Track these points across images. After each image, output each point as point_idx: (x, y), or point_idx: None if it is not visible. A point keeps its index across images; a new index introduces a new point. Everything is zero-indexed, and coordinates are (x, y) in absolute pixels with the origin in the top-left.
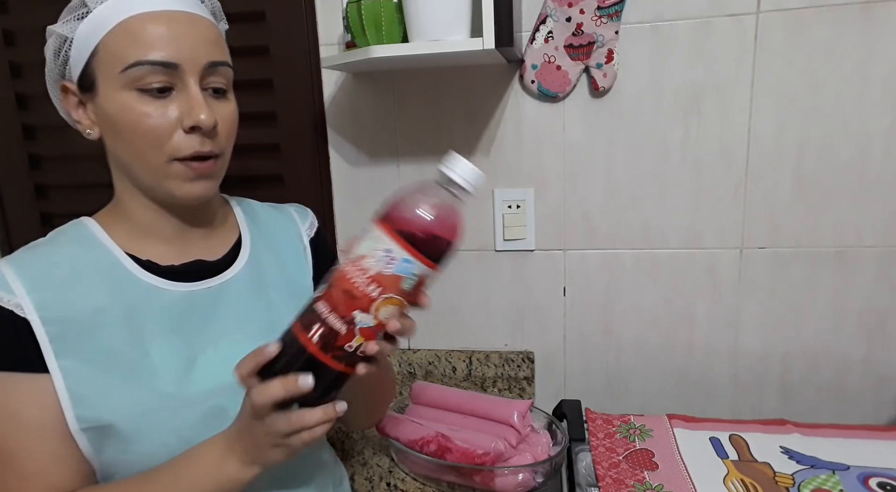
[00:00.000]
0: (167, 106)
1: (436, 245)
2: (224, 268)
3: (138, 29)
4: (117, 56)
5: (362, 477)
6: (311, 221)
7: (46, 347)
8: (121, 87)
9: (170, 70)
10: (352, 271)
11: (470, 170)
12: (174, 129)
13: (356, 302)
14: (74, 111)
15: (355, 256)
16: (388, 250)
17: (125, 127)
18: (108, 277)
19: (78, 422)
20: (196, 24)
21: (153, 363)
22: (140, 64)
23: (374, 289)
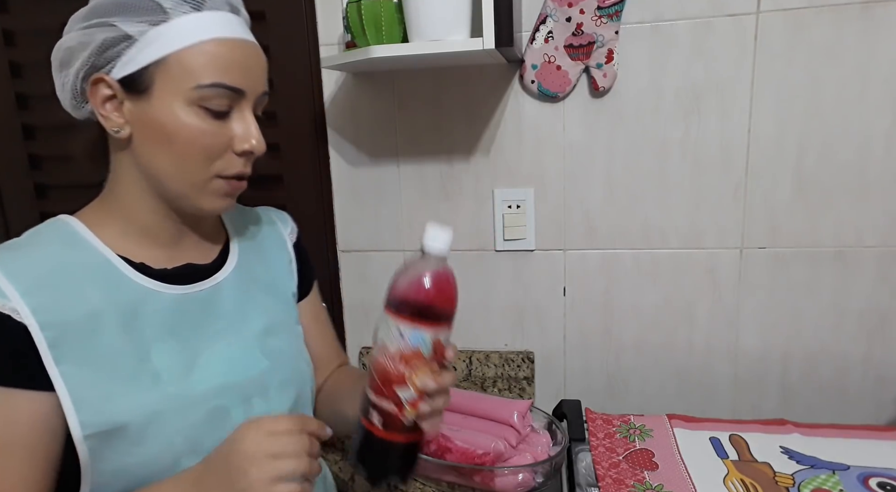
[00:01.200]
0: (223, 127)
1: (433, 309)
2: (213, 271)
3: (219, 52)
4: (192, 73)
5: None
6: (292, 226)
7: (46, 354)
8: (186, 101)
9: (236, 95)
10: (381, 358)
11: (435, 235)
12: (226, 149)
13: (394, 381)
14: (101, 105)
15: (381, 345)
16: (398, 330)
17: (181, 139)
18: (100, 278)
19: (82, 428)
20: (260, 56)
21: (155, 365)
22: (216, 86)
23: (402, 366)
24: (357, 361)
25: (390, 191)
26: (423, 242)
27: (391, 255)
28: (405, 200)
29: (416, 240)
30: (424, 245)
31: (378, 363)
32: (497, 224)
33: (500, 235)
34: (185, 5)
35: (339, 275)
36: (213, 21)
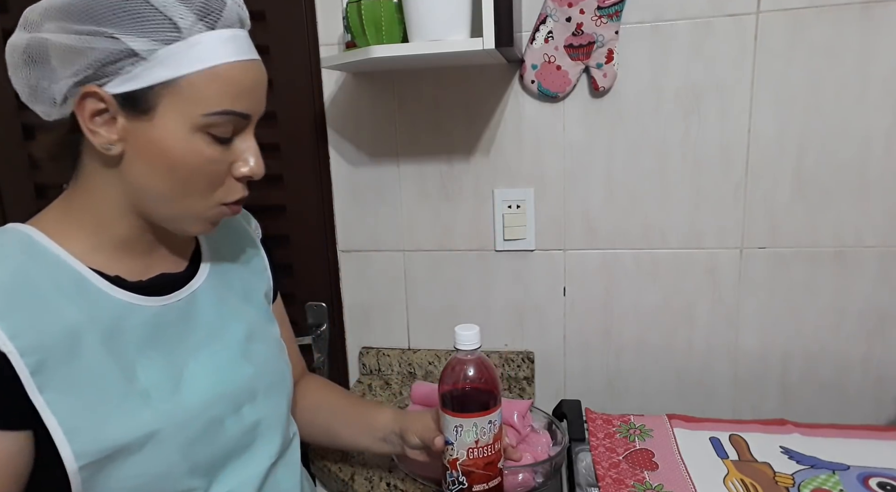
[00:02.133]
0: (226, 152)
1: (495, 394)
2: (188, 279)
3: (231, 78)
4: (204, 99)
5: (362, 477)
6: (255, 223)
7: (29, 383)
8: (193, 127)
9: (243, 120)
10: (474, 451)
11: (464, 334)
12: (227, 174)
13: (496, 461)
14: (89, 119)
15: (466, 444)
16: (478, 424)
17: (185, 166)
18: (74, 294)
19: (77, 459)
20: (265, 75)
21: (142, 383)
22: (227, 113)
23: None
24: (357, 361)
25: (390, 191)
26: (455, 344)
27: (391, 255)
28: (405, 200)
29: (416, 240)
30: (457, 345)
31: (475, 460)
32: (497, 224)
33: (500, 235)
34: (201, 24)
35: (339, 275)
36: (225, 42)
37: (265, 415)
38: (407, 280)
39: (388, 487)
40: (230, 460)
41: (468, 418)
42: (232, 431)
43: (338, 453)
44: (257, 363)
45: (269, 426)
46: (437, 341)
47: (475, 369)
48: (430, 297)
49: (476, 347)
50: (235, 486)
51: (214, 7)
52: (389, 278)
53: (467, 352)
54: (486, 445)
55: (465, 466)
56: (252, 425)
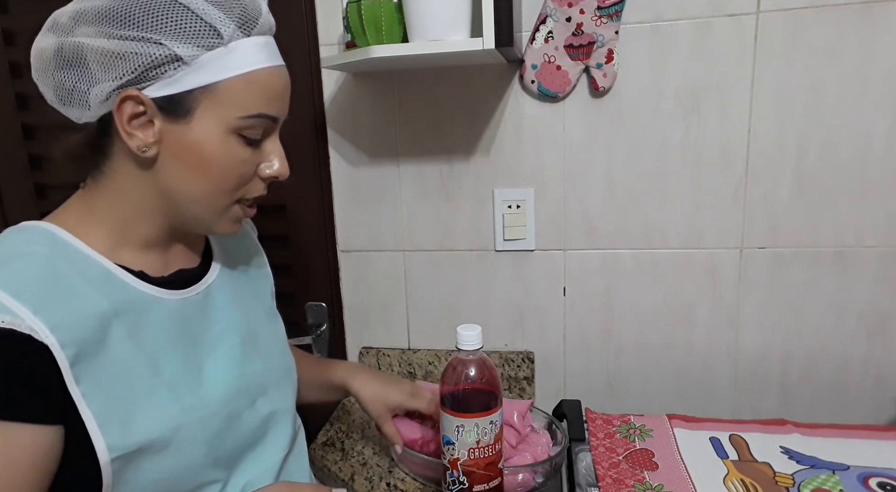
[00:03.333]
0: (255, 154)
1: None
2: (202, 275)
3: (266, 82)
4: (241, 102)
5: (362, 477)
6: (250, 222)
7: (68, 374)
8: (228, 129)
9: (273, 123)
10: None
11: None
12: (253, 174)
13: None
14: (128, 122)
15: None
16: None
17: (218, 167)
18: (104, 288)
19: (109, 451)
20: (289, 79)
21: (167, 377)
22: (261, 116)
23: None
24: (357, 361)
25: (390, 191)
26: (457, 344)
27: (391, 255)
28: (405, 200)
29: (416, 240)
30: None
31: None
32: (497, 224)
33: (500, 235)
34: (239, 31)
35: (339, 275)
36: (260, 48)
37: (276, 408)
38: (407, 280)
39: (388, 487)
40: (247, 452)
41: (469, 418)
42: (249, 424)
43: (338, 453)
44: (266, 358)
45: (280, 419)
46: (438, 341)
47: (476, 370)
48: (430, 297)
49: (478, 348)
50: (254, 477)
51: (252, 15)
52: (389, 278)
53: (469, 352)
54: (487, 445)
55: (466, 466)
56: (266, 418)
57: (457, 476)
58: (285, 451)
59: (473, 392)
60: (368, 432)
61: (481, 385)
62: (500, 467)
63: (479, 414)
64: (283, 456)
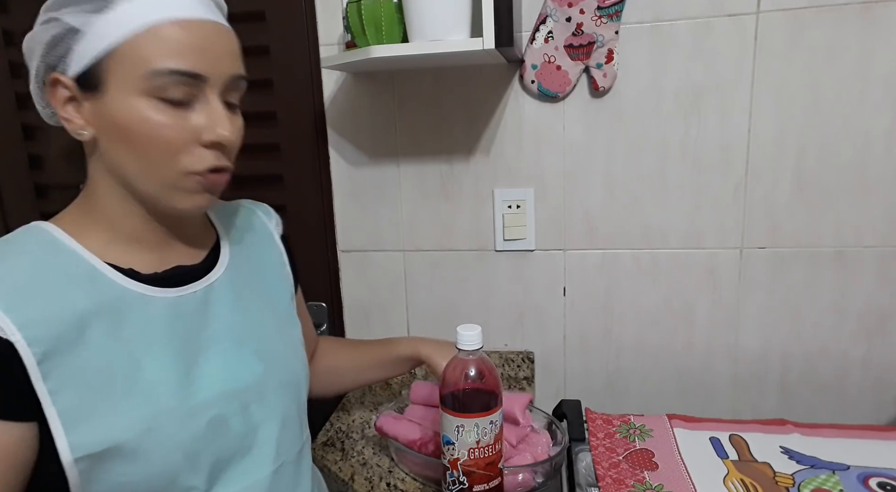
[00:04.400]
0: (186, 118)
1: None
2: (204, 272)
3: (170, 35)
4: (143, 60)
5: (362, 477)
6: (276, 218)
7: (34, 372)
8: (139, 93)
9: (196, 81)
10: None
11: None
12: (190, 141)
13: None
14: (62, 108)
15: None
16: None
17: (138, 136)
18: (86, 286)
19: (72, 451)
20: (223, 35)
21: (148, 376)
22: (170, 72)
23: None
24: None
25: (390, 191)
26: (457, 343)
27: (391, 255)
28: (405, 200)
29: (416, 240)
30: (459, 346)
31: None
32: (497, 224)
33: (500, 235)
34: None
35: (339, 275)
36: (163, 1)
37: (273, 416)
38: (407, 280)
39: (388, 487)
40: (234, 461)
41: (470, 418)
42: (237, 430)
43: (338, 453)
44: (268, 361)
45: (276, 427)
46: None
47: (477, 370)
48: (430, 297)
49: (478, 348)
50: (240, 489)
51: None
52: (389, 278)
53: (469, 352)
54: (487, 445)
55: (466, 466)
56: (258, 425)
57: (457, 476)
58: (278, 463)
59: (473, 392)
60: (368, 432)
61: (481, 385)
62: (500, 467)
63: (479, 414)
64: (274, 468)
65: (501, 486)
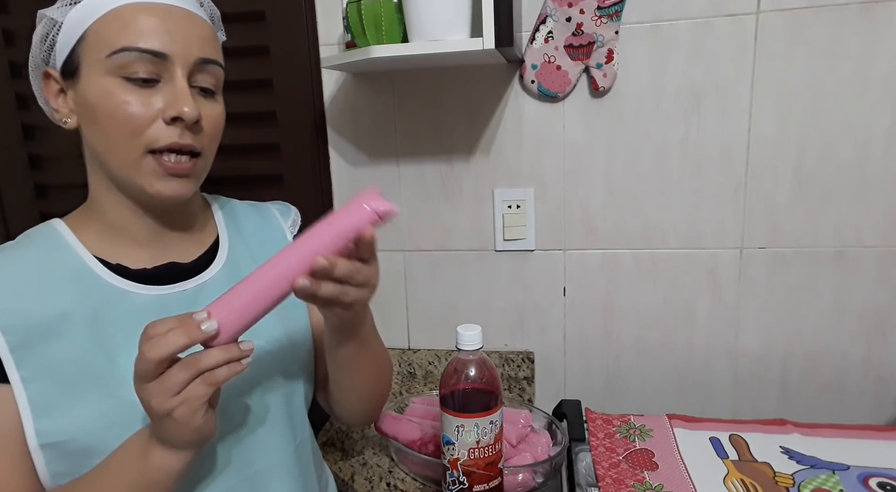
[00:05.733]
0: (151, 96)
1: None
2: (199, 271)
3: (131, 16)
4: (106, 41)
5: (362, 477)
6: (294, 217)
7: (7, 358)
8: (105, 72)
9: (158, 60)
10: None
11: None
12: (154, 119)
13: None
14: (54, 99)
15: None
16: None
17: (103, 113)
18: (73, 281)
19: (38, 437)
20: (191, 20)
21: (120, 372)
22: (128, 50)
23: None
24: None
25: (390, 191)
26: (457, 344)
27: (391, 255)
28: (405, 200)
29: (416, 240)
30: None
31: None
32: (497, 224)
33: (500, 235)
34: None
35: None
36: None
37: (258, 418)
38: (407, 280)
39: (388, 487)
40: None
41: (470, 418)
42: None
43: (338, 453)
44: (258, 363)
45: (261, 430)
46: (437, 341)
47: (477, 370)
48: (430, 297)
49: (478, 348)
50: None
51: None
52: (389, 278)
53: (469, 352)
54: (487, 445)
55: (466, 466)
56: (235, 427)
57: (457, 476)
58: (258, 467)
59: (473, 392)
60: (368, 432)
61: (481, 385)
62: (500, 467)
63: (479, 414)
64: (252, 472)
65: (501, 486)
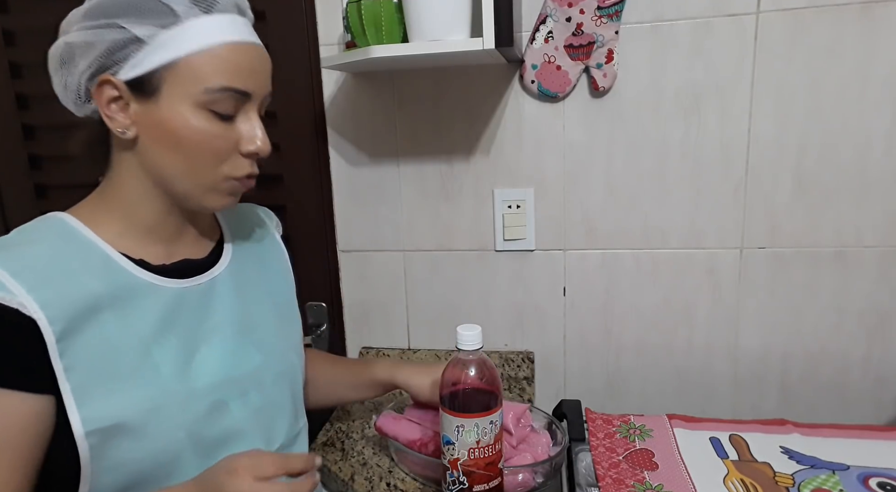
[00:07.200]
0: (230, 129)
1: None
2: (209, 266)
3: (228, 56)
4: (202, 77)
5: (362, 477)
6: (276, 221)
7: (53, 349)
8: (194, 104)
9: (243, 98)
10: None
11: (467, 334)
12: (233, 150)
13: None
14: (106, 106)
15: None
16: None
17: (188, 142)
18: (101, 272)
19: (84, 424)
20: (266, 58)
21: (155, 360)
22: (225, 89)
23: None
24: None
25: (390, 191)
26: (457, 344)
27: (391, 255)
28: (405, 200)
29: (416, 240)
30: (459, 345)
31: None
32: (497, 224)
33: (500, 235)
34: (196, 8)
35: (339, 275)
36: (222, 24)
37: (271, 402)
38: (407, 280)
39: (388, 487)
40: (233, 443)
41: (469, 418)
42: (237, 414)
43: (338, 453)
44: (266, 352)
45: (274, 413)
46: (437, 341)
47: (477, 370)
48: (430, 297)
49: (478, 348)
50: None
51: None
52: (389, 278)
53: (469, 352)
54: (487, 445)
55: (466, 466)
56: (257, 410)
57: (457, 476)
58: (274, 446)
59: (473, 392)
60: (368, 432)
61: (481, 385)
62: (500, 467)
63: (479, 414)
64: (272, 451)
65: (501, 486)
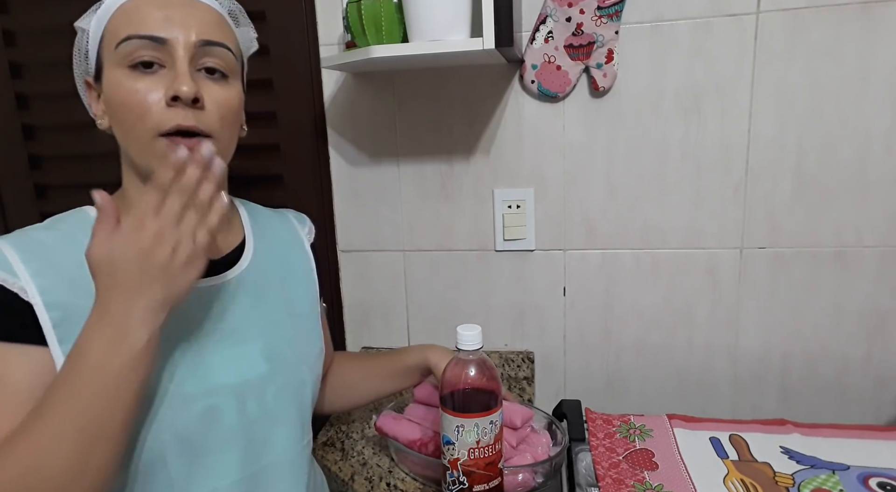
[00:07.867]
0: (155, 82)
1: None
2: (226, 268)
3: (133, 8)
4: (113, 34)
5: (362, 477)
6: (310, 226)
7: (49, 332)
8: (116, 65)
9: (158, 45)
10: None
11: (467, 334)
12: (158, 102)
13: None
14: (95, 105)
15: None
16: (481, 423)
17: (116, 104)
18: None
19: None
20: (191, 5)
21: (174, 359)
22: (130, 38)
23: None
24: None
25: (390, 191)
26: (457, 344)
27: (391, 255)
28: (405, 200)
29: (416, 240)
30: (459, 345)
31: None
32: (497, 224)
33: (500, 235)
34: None
35: (339, 275)
36: None
37: (268, 415)
38: (407, 280)
39: (388, 487)
40: (224, 453)
41: (469, 418)
42: (229, 423)
43: (338, 453)
44: (275, 362)
45: (269, 427)
46: (438, 341)
47: (477, 370)
48: (430, 297)
49: (478, 348)
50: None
51: None
52: (389, 278)
53: (469, 352)
54: (487, 445)
55: (466, 466)
56: (251, 421)
57: (457, 476)
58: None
59: (473, 392)
60: (368, 432)
61: (481, 385)
62: (500, 467)
63: (479, 414)
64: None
65: (501, 486)
